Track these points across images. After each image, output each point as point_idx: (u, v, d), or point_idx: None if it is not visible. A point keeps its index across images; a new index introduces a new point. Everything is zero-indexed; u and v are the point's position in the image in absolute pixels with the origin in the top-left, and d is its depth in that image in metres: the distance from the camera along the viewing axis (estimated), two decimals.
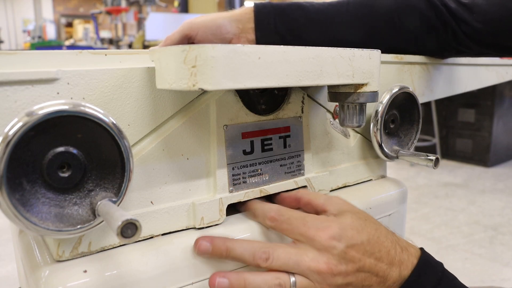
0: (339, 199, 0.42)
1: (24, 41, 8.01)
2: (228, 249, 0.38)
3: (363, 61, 0.41)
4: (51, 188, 0.31)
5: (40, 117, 0.28)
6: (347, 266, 0.37)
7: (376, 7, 0.58)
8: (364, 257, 0.38)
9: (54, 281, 0.32)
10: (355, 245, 0.38)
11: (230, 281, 0.37)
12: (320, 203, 0.42)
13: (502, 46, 0.57)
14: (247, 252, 0.38)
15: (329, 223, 0.38)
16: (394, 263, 0.39)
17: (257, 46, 0.34)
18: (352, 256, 0.37)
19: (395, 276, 0.38)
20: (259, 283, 0.37)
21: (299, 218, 0.39)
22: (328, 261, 0.37)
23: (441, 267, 0.40)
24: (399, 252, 0.39)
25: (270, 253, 0.37)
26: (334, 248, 0.37)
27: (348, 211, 0.40)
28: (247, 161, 0.44)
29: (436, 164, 0.50)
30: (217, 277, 0.37)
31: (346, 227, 0.38)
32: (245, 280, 0.37)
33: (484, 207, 2.33)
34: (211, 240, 0.38)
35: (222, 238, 0.39)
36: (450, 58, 0.66)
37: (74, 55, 0.34)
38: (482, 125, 3.10)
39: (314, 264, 0.37)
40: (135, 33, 5.92)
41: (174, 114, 0.39)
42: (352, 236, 0.38)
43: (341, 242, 0.37)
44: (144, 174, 0.38)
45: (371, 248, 0.38)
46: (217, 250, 0.38)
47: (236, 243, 0.38)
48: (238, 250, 0.38)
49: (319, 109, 0.50)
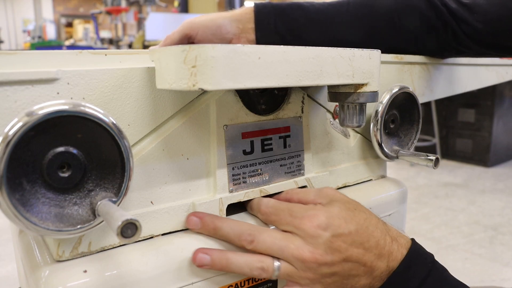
0: (330, 190, 0.42)
1: (24, 41, 8.01)
2: (216, 227, 0.38)
3: (363, 61, 0.41)
4: (51, 188, 0.31)
5: (40, 117, 0.28)
6: (333, 255, 0.37)
7: (376, 7, 0.58)
8: (351, 247, 0.37)
9: (54, 281, 0.32)
10: (342, 235, 0.37)
11: (212, 258, 0.37)
12: (312, 199, 0.42)
13: (502, 46, 0.57)
14: (233, 232, 0.38)
15: (316, 211, 0.38)
16: (383, 253, 0.38)
17: (257, 46, 0.34)
18: (338, 246, 0.37)
19: (383, 267, 0.38)
20: (241, 264, 0.37)
21: (285, 208, 0.40)
22: (313, 250, 0.37)
23: (431, 258, 0.40)
24: (389, 243, 0.39)
25: (256, 236, 0.38)
26: (319, 236, 0.37)
27: (337, 201, 0.40)
28: (247, 161, 0.44)
29: (436, 164, 0.50)
30: (200, 252, 0.37)
31: (333, 216, 0.38)
32: (227, 260, 0.37)
33: (484, 207, 2.33)
34: (202, 216, 0.39)
35: (212, 215, 0.40)
36: (450, 58, 0.66)
37: (74, 55, 0.34)
38: (482, 125, 3.10)
39: (298, 252, 0.37)
40: (135, 33, 5.92)
41: (174, 114, 0.39)
42: (339, 225, 0.38)
43: (327, 231, 0.37)
44: (144, 174, 0.38)
45: (359, 238, 0.38)
46: (205, 227, 0.39)
47: (224, 222, 0.39)
48: (225, 229, 0.38)
49: (319, 109, 0.50)
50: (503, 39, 0.56)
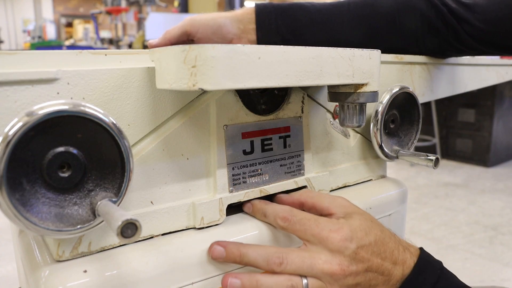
0: (343, 200, 0.43)
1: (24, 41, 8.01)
2: (242, 255, 0.38)
3: (363, 61, 0.41)
4: (51, 188, 0.31)
5: (40, 117, 0.28)
6: (357, 266, 0.38)
7: (377, 7, 0.58)
8: (372, 257, 0.39)
9: (54, 281, 0.32)
10: (364, 246, 0.39)
11: (242, 282, 0.37)
12: (325, 206, 0.42)
13: (504, 45, 0.57)
14: (261, 257, 0.38)
15: (341, 225, 0.39)
16: (398, 262, 0.40)
17: (257, 46, 0.34)
18: (362, 257, 0.38)
19: (398, 275, 0.39)
20: (271, 284, 0.37)
21: (312, 219, 0.40)
22: (341, 263, 0.38)
23: (440, 265, 0.41)
24: (402, 252, 0.40)
25: (284, 258, 0.38)
26: (346, 249, 0.38)
27: (355, 213, 0.41)
28: (247, 161, 0.44)
29: (436, 164, 0.50)
30: (230, 277, 0.37)
31: (356, 229, 0.39)
32: (257, 281, 0.37)
33: (484, 207, 2.33)
34: (225, 245, 0.39)
35: (236, 243, 0.39)
36: (450, 58, 0.66)
37: (74, 55, 0.34)
38: (482, 125, 3.10)
39: (327, 266, 0.37)
40: (135, 33, 5.92)
41: (174, 114, 0.39)
42: (361, 237, 0.39)
43: (353, 243, 0.38)
44: (144, 174, 0.38)
45: (377, 249, 0.39)
46: (230, 255, 0.38)
47: (249, 248, 0.39)
48: (251, 255, 0.38)
49: (319, 109, 0.50)
50: (504, 38, 0.56)
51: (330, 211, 0.42)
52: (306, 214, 0.41)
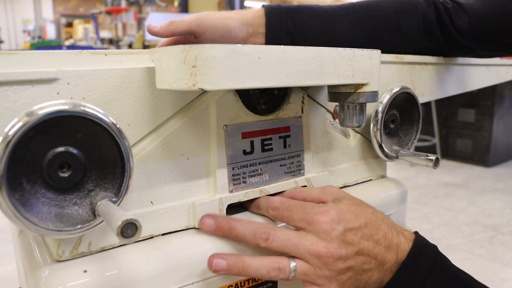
0: (332, 188, 0.44)
1: (24, 41, 8.01)
2: (231, 228, 0.39)
3: (363, 61, 0.41)
4: (51, 188, 0.31)
5: (40, 117, 0.28)
6: (346, 249, 0.38)
7: (379, 9, 0.58)
8: (362, 240, 0.38)
9: (54, 281, 0.32)
10: (353, 228, 0.38)
11: (228, 262, 0.37)
12: (316, 197, 0.43)
13: (505, 44, 0.57)
14: (248, 231, 0.38)
15: (328, 207, 0.39)
16: (391, 246, 0.39)
17: (257, 46, 0.34)
18: (351, 239, 0.38)
19: (392, 259, 0.39)
20: (258, 266, 0.37)
21: (299, 205, 0.40)
22: (327, 245, 0.37)
23: (435, 249, 0.41)
24: (395, 235, 0.40)
25: (271, 234, 0.38)
26: (333, 230, 0.38)
27: (344, 198, 0.41)
28: (247, 161, 0.44)
29: (436, 164, 0.50)
30: (216, 258, 0.37)
31: (344, 211, 0.39)
32: (244, 263, 0.37)
33: (484, 207, 2.33)
34: (215, 218, 0.39)
35: (226, 217, 0.40)
36: (450, 58, 0.66)
37: (74, 55, 0.34)
38: (482, 125, 3.10)
39: (313, 247, 0.37)
40: (135, 33, 5.91)
41: (174, 114, 0.39)
42: (350, 220, 0.39)
43: (340, 225, 0.38)
44: (144, 174, 0.38)
45: (368, 231, 0.39)
46: (220, 228, 0.39)
47: (238, 223, 0.39)
48: (239, 228, 0.39)
49: (319, 109, 0.50)
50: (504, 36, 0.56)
51: (321, 199, 0.42)
52: (294, 201, 0.41)
